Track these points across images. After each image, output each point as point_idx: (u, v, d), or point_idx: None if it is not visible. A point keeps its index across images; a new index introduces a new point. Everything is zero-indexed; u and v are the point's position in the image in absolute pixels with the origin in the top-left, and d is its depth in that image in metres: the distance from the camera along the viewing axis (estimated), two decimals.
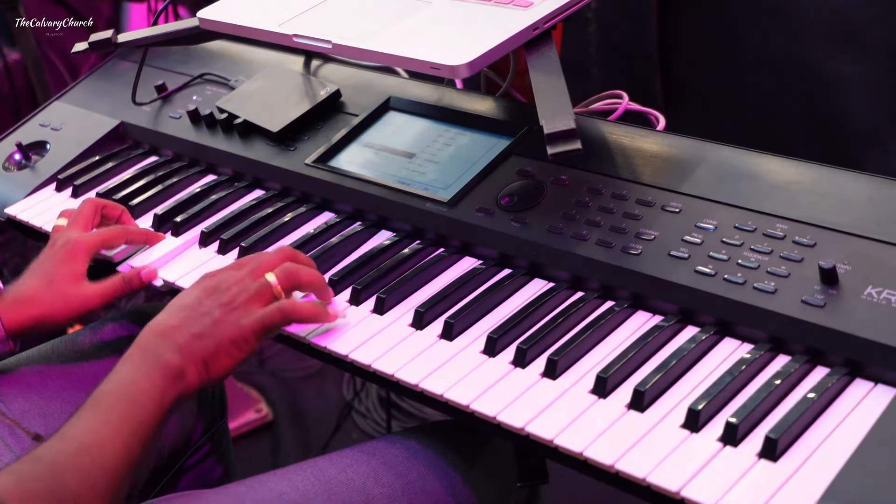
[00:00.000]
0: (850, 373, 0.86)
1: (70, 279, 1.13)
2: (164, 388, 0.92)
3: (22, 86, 2.56)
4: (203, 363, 0.94)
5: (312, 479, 1.00)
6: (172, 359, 0.93)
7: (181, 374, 0.93)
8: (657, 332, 0.94)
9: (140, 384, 0.92)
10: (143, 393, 0.91)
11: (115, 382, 0.92)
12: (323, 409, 2.20)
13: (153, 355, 0.94)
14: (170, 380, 0.92)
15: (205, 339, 0.95)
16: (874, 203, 0.96)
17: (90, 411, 0.90)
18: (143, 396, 0.91)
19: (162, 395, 0.92)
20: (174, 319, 0.97)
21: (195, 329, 0.95)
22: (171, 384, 0.92)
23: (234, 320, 0.96)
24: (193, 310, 0.97)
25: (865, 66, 1.75)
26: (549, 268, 1.04)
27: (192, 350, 0.94)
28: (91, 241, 1.16)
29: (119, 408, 0.90)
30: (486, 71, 1.34)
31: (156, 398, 0.91)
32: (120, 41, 1.40)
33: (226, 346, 0.95)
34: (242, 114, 1.32)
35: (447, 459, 1.03)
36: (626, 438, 0.83)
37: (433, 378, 0.93)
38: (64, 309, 1.13)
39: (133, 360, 0.94)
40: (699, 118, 1.98)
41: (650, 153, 1.09)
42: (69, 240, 1.16)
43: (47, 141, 1.46)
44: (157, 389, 0.92)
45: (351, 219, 1.19)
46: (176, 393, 0.93)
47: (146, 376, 0.92)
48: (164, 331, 0.96)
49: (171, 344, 0.94)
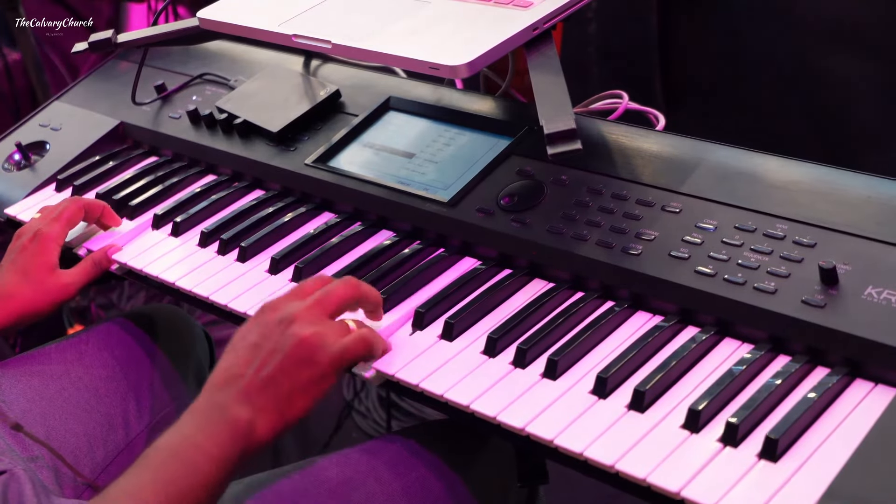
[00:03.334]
0: (850, 373, 0.86)
1: (45, 270, 1.16)
2: (229, 445, 0.82)
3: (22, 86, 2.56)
4: (277, 410, 0.84)
5: (312, 479, 1.00)
6: (240, 412, 0.82)
7: (251, 428, 0.83)
8: (657, 332, 0.94)
9: (198, 441, 0.81)
10: (201, 451, 0.81)
11: (173, 437, 0.83)
12: (323, 409, 2.20)
13: (218, 409, 0.83)
14: (237, 436, 0.82)
15: (278, 383, 0.84)
16: (874, 203, 0.96)
17: (139, 469, 0.81)
18: (199, 455, 0.81)
19: (224, 453, 0.81)
20: (239, 362, 0.86)
21: (265, 372, 0.84)
22: (238, 441, 0.82)
23: (309, 356, 0.86)
24: (260, 348, 0.86)
25: (865, 66, 1.75)
26: (549, 268, 1.04)
27: (263, 398, 0.83)
28: (55, 231, 1.19)
29: (168, 467, 0.80)
30: (486, 71, 1.34)
31: (216, 458, 0.81)
32: (120, 41, 1.40)
33: (303, 386, 0.85)
34: (242, 114, 1.32)
35: (447, 459, 1.03)
36: (626, 439, 0.83)
37: (433, 378, 0.93)
38: (44, 299, 1.16)
39: (197, 413, 0.84)
40: (699, 118, 1.98)
41: (650, 153, 1.09)
42: (36, 232, 1.19)
43: (47, 141, 1.46)
44: (218, 448, 0.81)
45: (351, 219, 1.19)
46: (242, 449, 0.82)
47: (206, 433, 0.82)
48: (229, 378, 0.85)
49: (238, 394, 0.83)
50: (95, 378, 1.20)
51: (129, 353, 1.25)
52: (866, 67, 1.75)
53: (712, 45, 1.92)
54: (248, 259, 1.15)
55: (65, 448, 1.13)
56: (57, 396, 1.17)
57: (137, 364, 1.24)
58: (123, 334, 1.27)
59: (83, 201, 1.24)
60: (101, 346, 1.24)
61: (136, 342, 1.26)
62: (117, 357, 1.23)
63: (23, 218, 1.33)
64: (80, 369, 1.21)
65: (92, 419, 1.17)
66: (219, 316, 1.13)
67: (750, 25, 1.84)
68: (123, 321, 1.29)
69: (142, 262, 1.19)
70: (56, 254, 1.18)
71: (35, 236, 1.18)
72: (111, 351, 1.24)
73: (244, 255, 1.16)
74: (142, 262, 1.19)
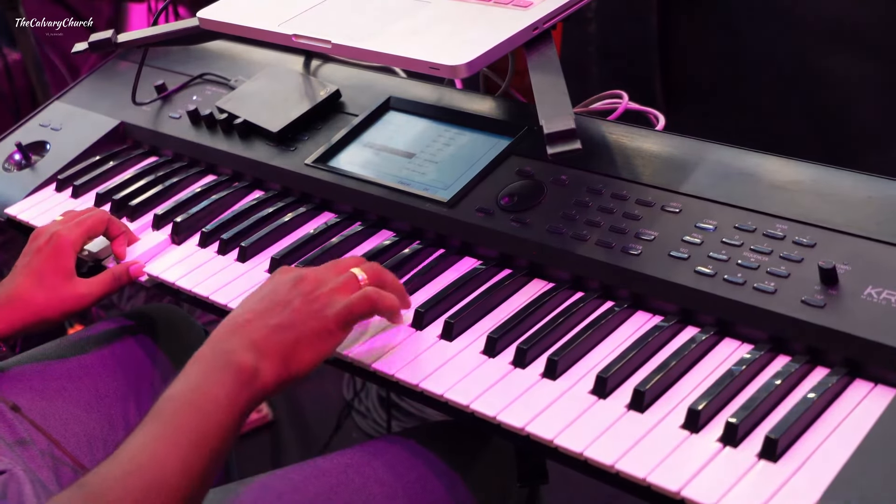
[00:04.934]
0: (850, 373, 0.86)
1: (60, 276, 1.12)
2: (236, 391, 0.82)
3: (22, 86, 2.56)
4: (282, 359, 0.84)
5: (312, 480, 1.00)
6: (245, 357, 0.83)
7: (255, 373, 0.83)
8: (657, 332, 0.94)
9: (206, 389, 0.81)
10: (209, 399, 0.81)
11: (179, 388, 0.82)
12: (323, 409, 2.20)
13: (223, 355, 0.83)
14: (242, 382, 0.82)
15: (284, 332, 0.85)
16: (874, 203, 0.96)
17: (148, 424, 0.81)
18: (208, 403, 0.81)
19: (232, 400, 0.81)
20: (248, 313, 0.87)
21: (273, 320, 0.85)
22: (244, 387, 0.82)
23: (317, 309, 0.87)
24: (270, 300, 0.87)
25: (865, 66, 1.75)
26: (549, 268, 1.04)
27: (268, 345, 0.84)
28: (74, 235, 1.15)
29: (180, 418, 0.80)
30: (486, 71, 1.34)
31: (224, 404, 0.81)
32: (120, 41, 1.40)
33: (308, 338, 0.86)
34: (242, 114, 1.32)
35: (447, 459, 1.03)
36: (626, 438, 0.83)
37: (433, 378, 0.93)
38: (58, 307, 1.12)
39: (202, 360, 0.84)
40: (699, 118, 1.98)
41: (650, 153, 1.09)
42: (52, 235, 1.15)
43: (47, 141, 1.46)
44: (226, 394, 0.81)
45: (351, 219, 1.19)
46: (249, 396, 0.82)
47: (214, 380, 0.82)
48: (235, 326, 0.86)
49: (243, 340, 0.84)
50: (95, 378, 1.20)
51: (129, 353, 1.25)
52: (866, 67, 1.75)
53: (712, 45, 1.92)
54: (248, 259, 1.16)
55: (65, 448, 1.13)
56: (57, 396, 1.17)
57: (137, 364, 1.24)
58: (123, 334, 1.26)
59: (108, 215, 1.21)
60: (101, 346, 1.24)
61: (136, 342, 1.26)
62: (117, 357, 1.23)
63: (23, 218, 1.33)
64: (80, 369, 1.21)
65: (92, 419, 1.17)
66: (219, 316, 1.12)
67: (750, 25, 1.84)
68: (123, 321, 1.29)
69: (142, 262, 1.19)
70: (72, 259, 1.14)
71: (51, 238, 1.14)
72: (111, 351, 1.24)
73: (244, 254, 1.16)
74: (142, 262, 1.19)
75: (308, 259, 1.12)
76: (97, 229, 1.19)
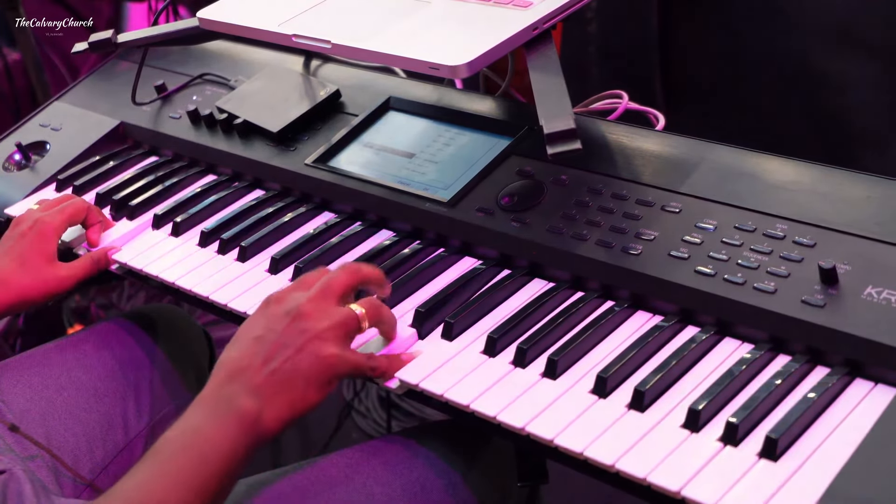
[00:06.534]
0: (850, 373, 0.86)
1: (43, 260, 1.16)
2: (237, 437, 0.81)
3: (22, 86, 2.56)
4: (286, 401, 0.84)
5: (313, 479, 1.00)
6: (248, 403, 0.82)
7: (258, 419, 0.82)
8: (657, 332, 0.94)
9: (207, 433, 0.81)
10: (210, 443, 0.81)
11: (181, 430, 0.82)
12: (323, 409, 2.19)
13: (225, 400, 0.83)
14: (244, 428, 0.82)
15: (286, 375, 0.84)
16: (874, 203, 0.96)
17: (147, 463, 0.81)
18: (209, 447, 0.81)
19: (233, 445, 0.81)
20: (247, 355, 0.85)
21: (273, 363, 0.84)
22: (246, 432, 0.82)
23: (315, 349, 0.86)
24: (267, 341, 0.86)
25: (865, 66, 1.75)
26: (549, 268, 1.04)
27: (271, 389, 0.83)
28: (57, 222, 1.19)
29: (179, 460, 0.80)
30: (486, 71, 1.34)
31: (225, 449, 0.81)
32: (120, 41, 1.40)
33: (313, 379, 0.85)
34: (242, 114, 1.32)
35: (447, 459, 1.03)
36: (626, 438, 0.83)
37: (433, 378, 0.93)
38: (39, 289, 1.16)
39: (204, 404, 0.84)
40: (699, 118, 1.98)
41: (650, 153, 1.09)
42: (36, 221, 1.18)
43: (47, 141, 1.46)
44: (227, 439, 0.81)
45: (351, 219, 1.19)
46: (250, 442, 0.82)
47: (215, 424, 0.82)
48: (235, 370, 0.85)
49: (245, 385, 0.83)
50: (95, 378, 1.21)
51: (128, 352, 1.25)
52: (866, 68, 1.75)
53: (712, 45, 1.92)
54: (248, 259, 1.16)
55: (64, 448, 1.13)
56: (56, 396, 1.17)
57: (137, 364, 1.24)
58: (123, 334, 1.27)
59: (88, 203, 1.24)
60: (101, 346, 1.24)
61: (135, 342, 1.26)
62: (117, 357, 1.23)
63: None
64: (80, 369, 1.21)
65: (91, 419, 1.17)
66: (219, 316, 1.13)
67: (750, 25, 1.84)
68: (123, 321, 1.29)
69: (142, 262, 1.19)
70: (55, 244, 1.18)
71: (35, 224, 1.18)
72: (111, 351, 1.24)
73: (244, 254, 1.16)
74: (142, 262, 1.19)
75: (308, 259, 1.12)
76: (78, 217, 1.22)
